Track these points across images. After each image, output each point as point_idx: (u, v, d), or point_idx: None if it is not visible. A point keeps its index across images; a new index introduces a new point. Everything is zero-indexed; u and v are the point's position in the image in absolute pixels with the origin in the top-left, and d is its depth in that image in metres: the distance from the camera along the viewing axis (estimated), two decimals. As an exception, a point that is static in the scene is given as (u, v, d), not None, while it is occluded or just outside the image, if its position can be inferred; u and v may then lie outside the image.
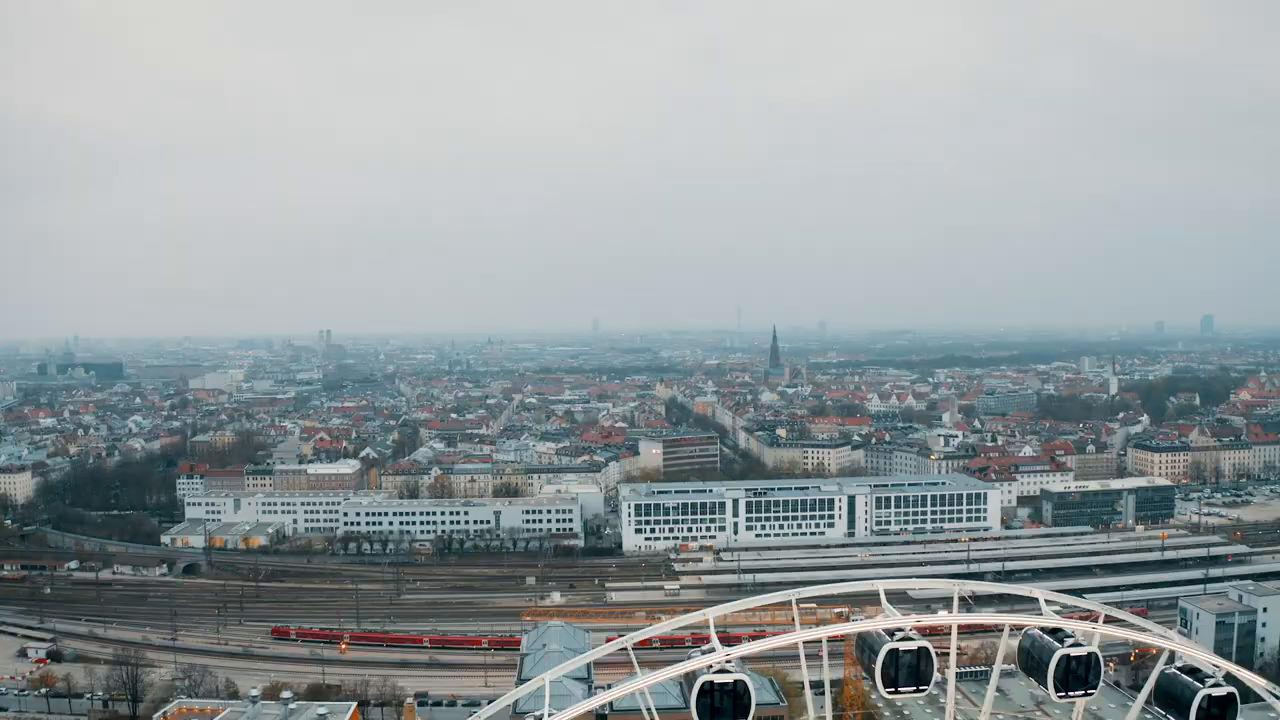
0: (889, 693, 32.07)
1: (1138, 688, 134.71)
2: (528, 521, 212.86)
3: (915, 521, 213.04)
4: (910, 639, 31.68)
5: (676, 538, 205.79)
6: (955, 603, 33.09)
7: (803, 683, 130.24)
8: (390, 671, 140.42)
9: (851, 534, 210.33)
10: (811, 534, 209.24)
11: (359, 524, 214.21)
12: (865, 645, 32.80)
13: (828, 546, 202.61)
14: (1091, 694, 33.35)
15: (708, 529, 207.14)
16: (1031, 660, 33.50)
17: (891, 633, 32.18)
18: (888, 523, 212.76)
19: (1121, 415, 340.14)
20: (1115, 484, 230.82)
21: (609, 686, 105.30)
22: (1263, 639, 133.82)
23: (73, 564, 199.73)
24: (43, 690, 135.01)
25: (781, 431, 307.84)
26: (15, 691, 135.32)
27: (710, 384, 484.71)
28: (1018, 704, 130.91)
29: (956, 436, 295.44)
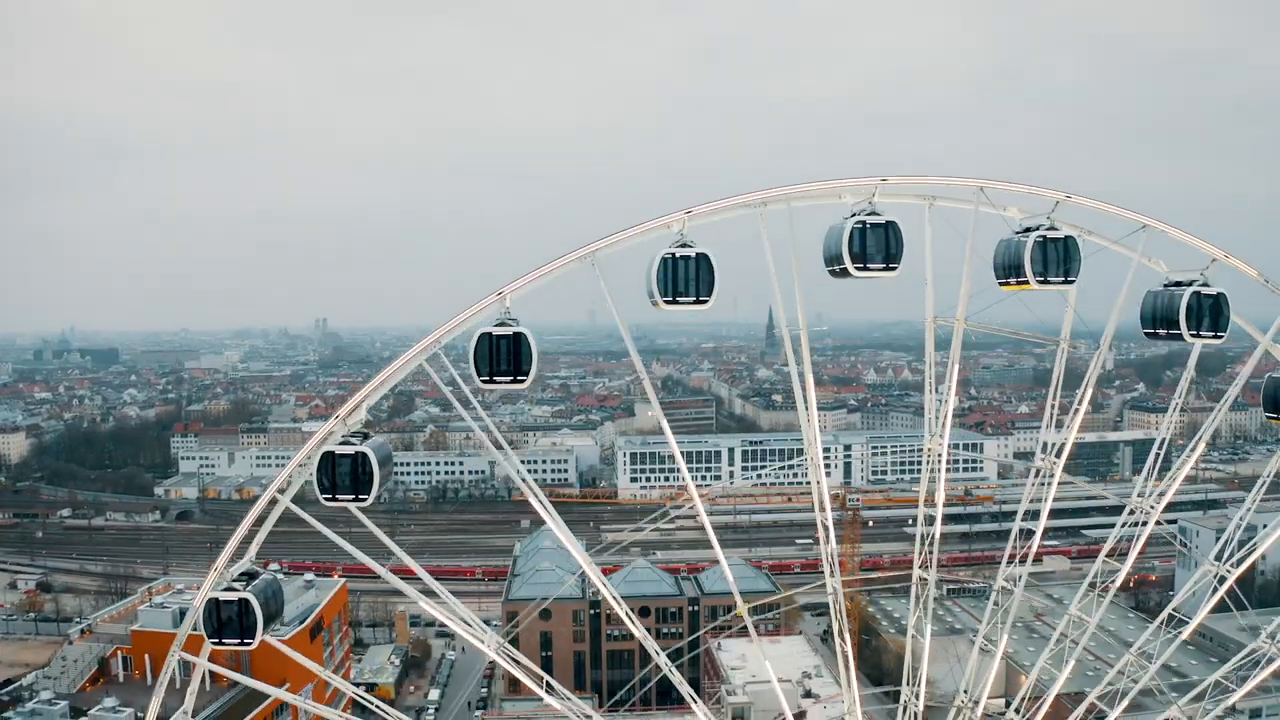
0: (857, 269, 30.64)
1: (1139, 606, 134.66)
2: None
3: (911, 472, 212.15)
4: (876, 214, 30.42)
5: (672, 485, 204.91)
6: (927, 219, 31.85)
7: (802, 604, 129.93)
8: (383, 598, 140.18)
9: (848, 483, 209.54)
10: (806, 483, 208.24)
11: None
12: (831, 234, 31.34)
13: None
14: (1072, 282, 31.90)
15: (704, 477, 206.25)
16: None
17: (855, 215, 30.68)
18: (884, 472, 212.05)
19: (1117, 383, 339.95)
20: (1112, 436, 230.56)
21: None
22: (1264, 556, 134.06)
23: (65, 512, 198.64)
24: (31, 615, 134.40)
25: (777, 397, 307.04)
26: (4, 616, 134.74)
27: (706, 363, 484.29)
28: (1016, 615, 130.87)
29: (953, 402, 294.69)
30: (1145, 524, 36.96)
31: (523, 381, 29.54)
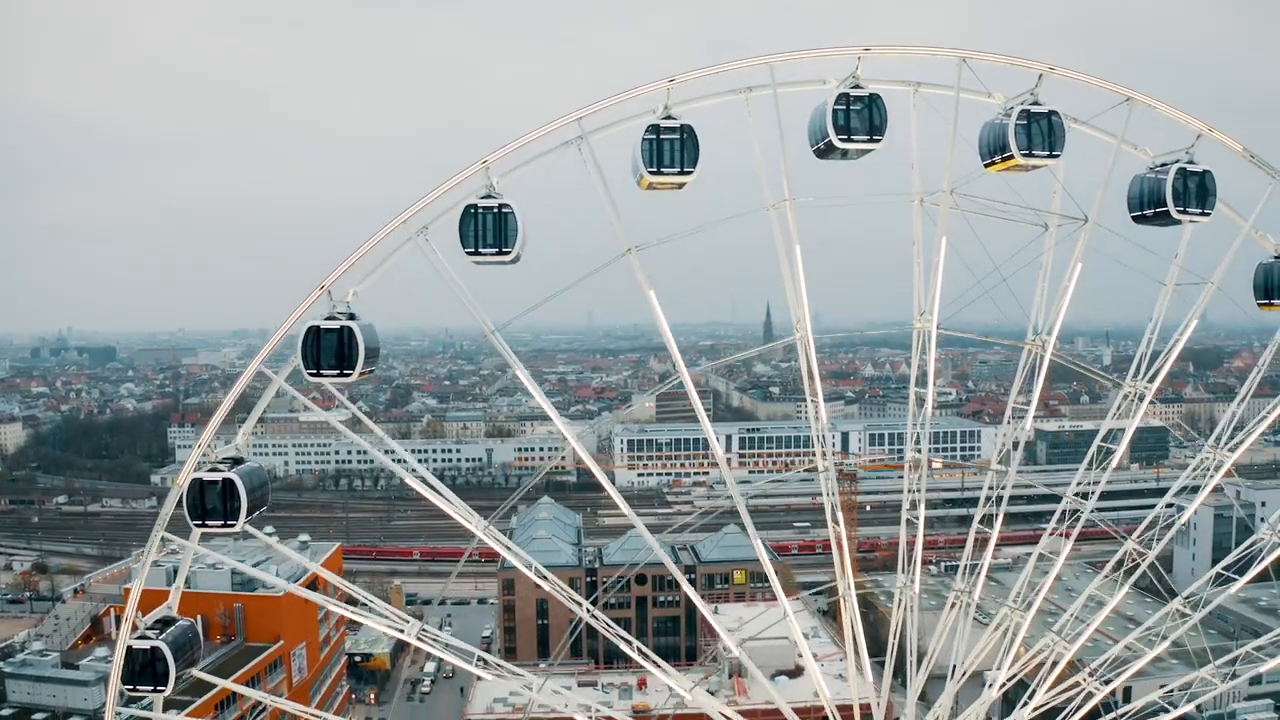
0: (841, 140, 30.66)
1: (1137, 585, 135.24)
2: (520, 458, 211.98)
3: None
4: (860, 88, 30.44)
5: (669, 474, 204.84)
6: (913, 104, 31.65)
7: (802, 583, 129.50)
8: (382, 577, 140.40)
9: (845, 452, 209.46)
10: (805, 471, 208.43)
11: (350, 461, 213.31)
12: (816, 112, 31.44)
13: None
14: (1058, 156, 31.73)
15: (702, 463, 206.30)
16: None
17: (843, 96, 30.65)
18: (881, 459, 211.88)
19: (1116, 376, 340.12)
20: (1109, 424, 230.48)
21: (600, 550, 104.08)
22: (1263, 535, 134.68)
23: (61, 498, 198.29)
24: (26, 594, 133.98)
25: (774, 389, 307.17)
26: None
27: (704, 359, 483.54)
28: (1011, 591, 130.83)
29: (950, 394, 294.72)
30: (1142, 399, 37.28)
31: (508, 254, 29.18)
